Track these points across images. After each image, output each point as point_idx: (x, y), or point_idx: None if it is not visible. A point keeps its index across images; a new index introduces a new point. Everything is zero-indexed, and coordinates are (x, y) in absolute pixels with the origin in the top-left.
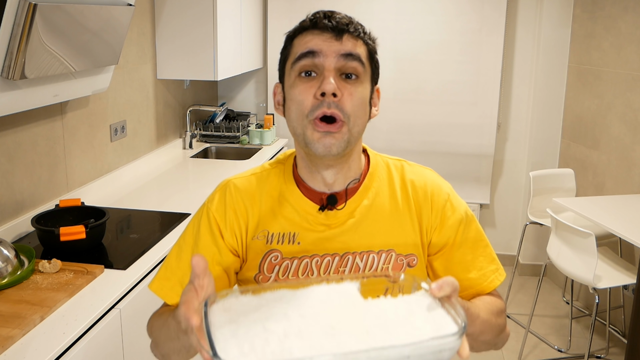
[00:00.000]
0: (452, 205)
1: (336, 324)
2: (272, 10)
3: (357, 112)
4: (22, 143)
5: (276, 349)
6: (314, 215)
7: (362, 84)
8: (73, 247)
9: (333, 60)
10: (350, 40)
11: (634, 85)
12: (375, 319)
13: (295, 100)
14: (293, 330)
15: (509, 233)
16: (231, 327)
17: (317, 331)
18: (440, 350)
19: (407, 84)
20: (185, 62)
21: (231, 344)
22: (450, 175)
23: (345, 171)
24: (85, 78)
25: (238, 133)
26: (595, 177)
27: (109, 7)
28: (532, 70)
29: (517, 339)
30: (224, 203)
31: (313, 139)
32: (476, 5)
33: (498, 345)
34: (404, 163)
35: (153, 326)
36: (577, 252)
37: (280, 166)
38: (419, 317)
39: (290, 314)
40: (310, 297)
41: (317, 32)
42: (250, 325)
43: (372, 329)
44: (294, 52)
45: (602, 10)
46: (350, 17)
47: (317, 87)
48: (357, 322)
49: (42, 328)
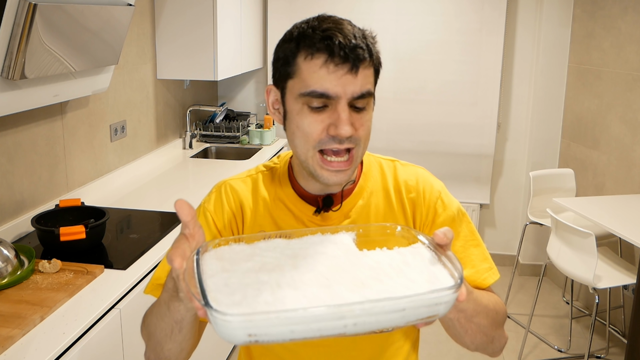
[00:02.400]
0: (444, 203)
1: (330, 275)
2: (272, 10)
3: (367, 137)
4: (22, 143)
5: (269, 299)
6: (310, 217)
7: (369, 111)
8: (73, 247)
9: (347, 101)
10: (364, 72)
11: (634, 85)
12: (370, 271)
13: (302, 130)
14: (286, 280)
15: (509, 233)
16: (223, 275)
17: (310, 281)
18: (436, 304)
19: (407, 84)
20: (185, 62)
21: (223, 293)
22: (450, 175)
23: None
24: (85, 78)
25: (238, 133)
26: (595, 177)
27: (109, 7)
28: (532, 70)
29: (517, 339)
30: (221, 202)
31: (321, 174)
32: (476, 5)
33: (495, 346)
34: (396, 163)
35: (146, 314)
36: (577, 252)
37: (275, 168)
38: (414, 269)
39: (284, 263)
40: (304, 247)
41: (332, 68)
42: (243, 274)
43: (367, 281)
44: (303, 79)
45: (602, 10)
46: (363, 36)
47: (328, 123)
48: (352, 273)
49: (42, 328)
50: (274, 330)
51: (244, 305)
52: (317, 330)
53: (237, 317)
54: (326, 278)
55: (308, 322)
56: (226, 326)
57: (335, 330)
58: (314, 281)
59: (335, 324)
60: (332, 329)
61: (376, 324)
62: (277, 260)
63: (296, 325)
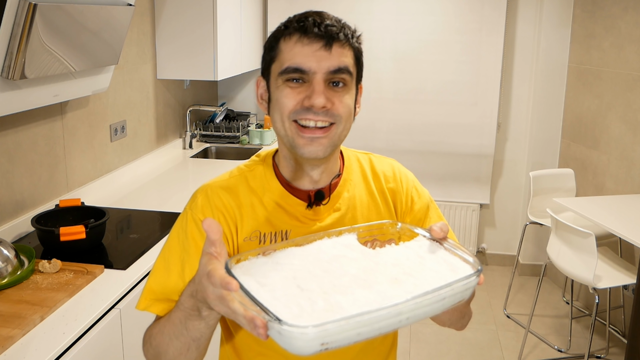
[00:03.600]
0: (418, 191)
1: (364, 276)
2: (272, 10)
3: (347, 117)
4: (22, 143)
5: (326, 307)
6: (303, 213)
7: (349, 91)
8: (73, 247)
9: (322, 75)
10: (339, 50)
11: (634, 85)
12: (395, 267)
13: (280, 102)
14: (328, 286)
15: (509, 233)
16: (265, 290)
17: (349, 284)
18: (467, 289)
19: (407, 84)
20: (185, 62)
21: (278, 307)
22: (450, 175)
23: (330, 168)
24: (85, 78)
25: (238, 133)
26: (595, 177)
27: (109, 7)
28: (532, 70)
29: (517, 339)
30: (208, 205)
31: (298, 143)
32: (476, 5)
33: (465, 321)
34: (370, 156)
35: (152, 334)
36: (577, 252)
37: (259, 167)
38: (431, 261)
39: (313, 270)
40: (320, 252)
41: (306, 42)
42: (283, 286)
43: (398, 276)
44: (281, 59)
45: (602, 10)
46: (339, 20)
47: (305, 95)
48: (381, 271)
49: (42, 328)
50: (344, 335)
51: (305, 316)
52: (379, 329)
53: (313, 328)
54: (362, 279)
55: (373, 323)
56: (302, 339)
57: (392, 326)
58: (354, 284)
59: (394, 321)
60: (390, 326)
61: (423, 315)
62: (305, 268)
63: (363, 327)
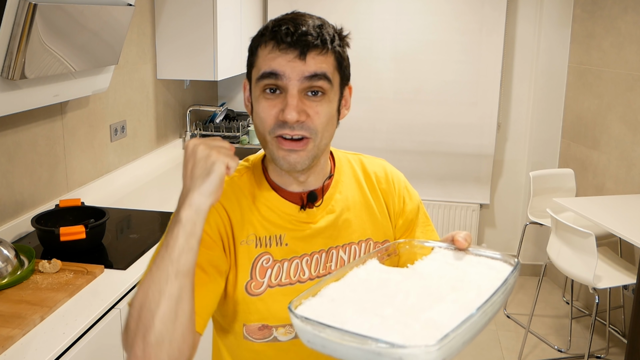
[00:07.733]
0: (409, 193)
1: (423, 291)
2: (272, 10)
3: (324, 128)
4: (22, 143)
5: (421, 326)
6: (296, 216)
7: (328, 100)
8: (73, 247)
9: (297, 84)
10: (316, 58)
11: (634, 85)
12: (441, 278)
13: (259, 116)
14: (406, 307)
15: (509, 233)
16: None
17: (420, 301)
18: (512, 285)
19: (407, 84)
20: (185, 62)
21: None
22: (450, 175)
23: (318, 171)
24: (85, 78)
25: (238, 133)
26: (595, 177)
27: (109, 7)
28: (532, 70)
29: (517, 339)
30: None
31: (278, 155)
32: (476, 5)
33: None
34: (361, 157)
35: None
36: (577, 252)
37: (248, 172)
38: (466, 265)
39: (374, 297)
40: (363, 280)
41: (279, 52)
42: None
43: (454, 284)
44: (257, 66)
45: (602, 10)
46: (319, 25)
47: (280, 109)
48: (434, 284)
49: (42, 328)
50: (457, 348)
51: (410, 337)
52: (478, 331)
53: (436, 345)
54: (427, 295)
55: (473, 330)
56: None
57: (486, 325)
58: (427, 302)
59: (489, 318)
60: (486, 324)
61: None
62: (365, 298)
63: (466, 336)
